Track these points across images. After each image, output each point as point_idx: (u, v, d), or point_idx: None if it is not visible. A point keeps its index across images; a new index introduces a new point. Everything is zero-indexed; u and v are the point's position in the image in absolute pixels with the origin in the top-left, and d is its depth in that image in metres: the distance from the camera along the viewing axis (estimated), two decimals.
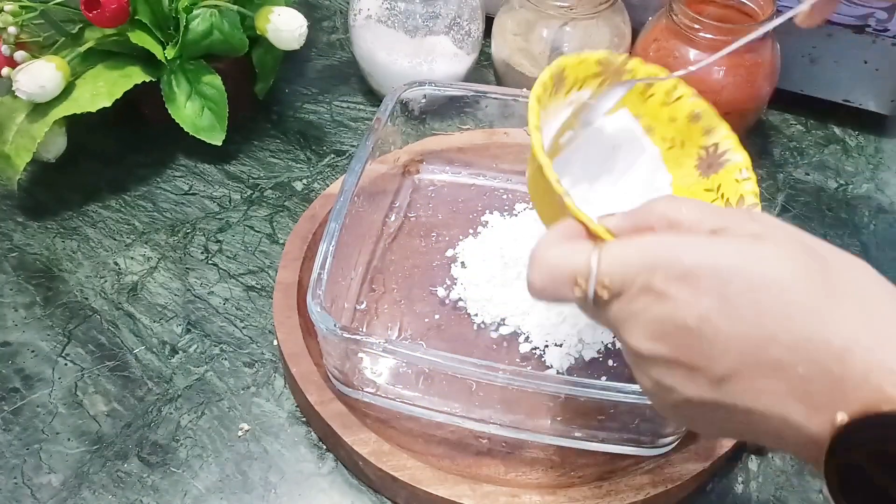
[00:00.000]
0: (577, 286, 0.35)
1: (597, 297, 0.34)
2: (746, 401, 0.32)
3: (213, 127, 0.67)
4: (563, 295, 0.36)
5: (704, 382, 0.33)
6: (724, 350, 0.32)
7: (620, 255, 0.34)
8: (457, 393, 0.50)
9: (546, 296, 0.36)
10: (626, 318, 0.34)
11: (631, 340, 0.34)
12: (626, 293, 0.34)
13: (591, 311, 0.36)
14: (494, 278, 0.57)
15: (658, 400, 0.36)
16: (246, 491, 0.50)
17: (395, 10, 0.70)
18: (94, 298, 0.60)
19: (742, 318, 0.31)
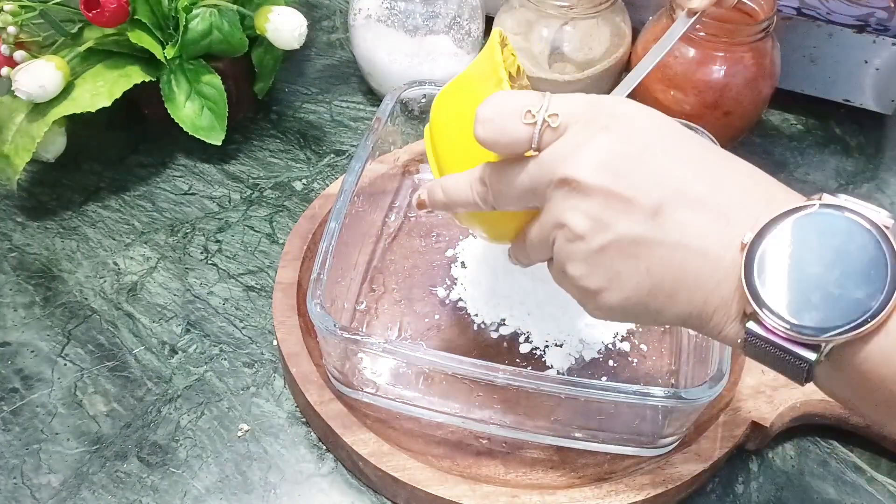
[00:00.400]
0: (527, 115, 0.37)
1: (544, 129, 0.37)
2: (675, 233, 0.35)
3: (213, 127, 0.67)
4: (510, 129, 0.37)
5: (640, 216, 0.35)
6: (658, 182, 0.35)
7: (568, 99, 0.38)
8: (457, 393, 0.50)
9: (491, 130, 0.38)
10: (571, 150, 0.36)
11: (574, 172, 0.36)
12: (572, 127, 0.37)
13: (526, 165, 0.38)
14: (495, 278, 0.57)
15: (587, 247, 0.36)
16: (246, 491, 0.50)
17: (395, 9, 0.69)
18: (94, 298, 0.60)
19: (675, 155, 0.36)
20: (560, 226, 0.37)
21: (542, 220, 0.39)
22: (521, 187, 0.38)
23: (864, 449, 0.53)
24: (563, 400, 0.48)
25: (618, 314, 0.38)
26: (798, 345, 0.33)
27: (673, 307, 0.36)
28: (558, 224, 0.37)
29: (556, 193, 0.37)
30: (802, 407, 0.52)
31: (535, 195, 0.38)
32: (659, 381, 0.54)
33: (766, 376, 0.52)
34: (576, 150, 0.36)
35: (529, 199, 0.39)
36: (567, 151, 0.36)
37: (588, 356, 0.55)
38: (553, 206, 0.37)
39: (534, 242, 0.40)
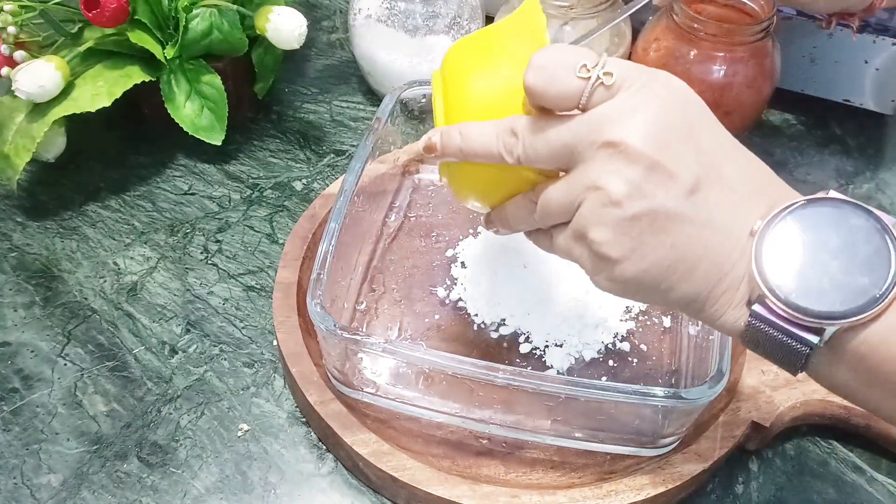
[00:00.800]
0: (582, 69, 0.36)
1: (596, 86, 0.36)
2: (706, 212, 0.36)
3: (213, 127, 0.67)
4: (562, 80, 0.37)
5: (678, 191, 0.35)
6: (699, 161, 0.36)
7: (623, 62, 0.37)
8: (457, 393, 0.50)
9: (543, 77, 0.37)
10: (623, 113, 0.36)
11: (623, 135, 0.35)
12: (625, 90, 0.36)
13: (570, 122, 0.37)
14: (495, 278, 0.57)
15: (620, 214, 0.36)
16: (245, 491, 0.50)
17: (395, 9, 0.69)
18: (94, 298, 0.60)
19: (715, 137, 0.37)
20: (595, 188, 0.36)
21: (574, 181, 0.37)
22: (560, 143, 0.37)
23: (864, 449, 0.53)
24: (563, 400, 0.48)
25: (628, 287, 0.38)
26: (802, 328, 0.35)
27: (685, 286, 0.37)
28: (594, 186, 0.36)
29: (599, 154, 0.36)
30: (802, 407, 0.52)
31: (572, 154, 0.37)
32: (659, 381, 0.54)
33: (765, 376, 0.52)
34: (629, 113, 0.36)
35: (564, 157, 0.38)
36: (618, 114, 0.36)
37: (588, 356, 0.55)
38: (592, 167, 0.36)
39: (551, 204, 0.39)
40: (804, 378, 0.52)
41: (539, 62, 0.37)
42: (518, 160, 0.39)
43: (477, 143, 0.40)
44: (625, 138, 0.35)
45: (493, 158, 0.40)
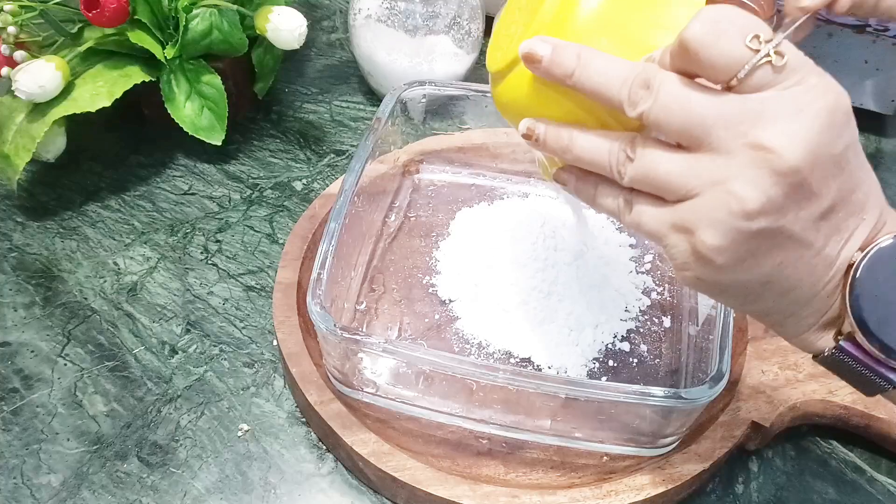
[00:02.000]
0: (754, 39, 0.31)
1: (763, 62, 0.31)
2: (824, 239, 0.33)
3: (213, 127, 0.67)
4: (729, 41, 0.31)
5: (811, 213, 0.32)
6: (841, 186, 0.32)
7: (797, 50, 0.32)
8: (457, 393, 0.50)
9: (709, 32, 0.31)
10: (788, 113, 0.31)
11: (781, 144, 0.31)
12: (795, 82, 0.31)
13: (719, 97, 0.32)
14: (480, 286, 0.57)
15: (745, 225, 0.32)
16: (245, 491, 0.50)
17: (395, 9, 0.69)
18: (94, 298, 0.60)
19: (858, 160, 0.33)
20: (726, 190, 0.32)
21: (700, 166, 0.32)
22: (700, 118, 0.32)
23: (864, 449, 0.53)
24: (563, 400, 0.48)
25: (712, 289, 0.35)
26: (888, 368, 0.34)
27: (772, 302, 0.35)
28: (724, 186, 0.32)
29: (743, 152, 0.31)
30: (802, 407, 0.52)
31: (708, 136, 0.32)
32: (659, 381, 0.54)
33: (765, 376, 0.52)
34: (793, 115, 0.31)
35: (697, 134, 0.32)
36: (780, 111, 0.31)
37: (588, 356, 0.54)
38: (730, 164, 0.32)
39: (658, 175, 0.34)
40: (804, 378, 0.52)
41: (711, 15, 0.31)
42: (640, 116, 0.33)
43: (596, 78, 0.34)
44: (781, 148, 0.31)
45: (608, 101, 0.34)
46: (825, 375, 0.52)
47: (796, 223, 0.32)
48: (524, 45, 0.36)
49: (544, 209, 0.63)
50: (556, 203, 0.64)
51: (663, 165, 0.33)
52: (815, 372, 0.53)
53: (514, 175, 0.66)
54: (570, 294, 0.56)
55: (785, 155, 0.31)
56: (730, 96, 0.32)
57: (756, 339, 0.54)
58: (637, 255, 0.61)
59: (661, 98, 0.33)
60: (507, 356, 0.54)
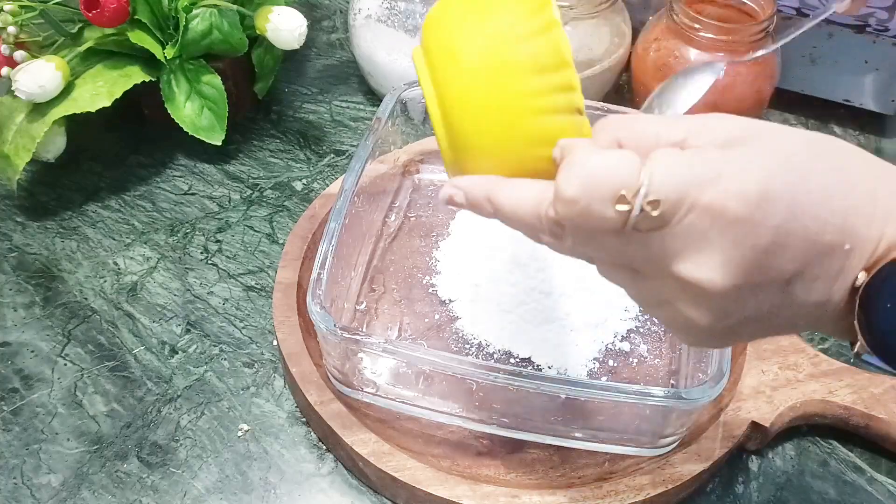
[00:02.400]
0: (620, 199, 0.30)
1: (642, 217, 0.30)
2: (804, 295, 0.31)
3: (213, 127, 0.67)
4: (599, 213, 0.30)
5: (771, 293, 0.31)
6: (793, 257, 0.30)
7: (674, 169, 0.30)
8: (457, 393, 0.50)
9: (576, 210, 0.31)
10: (694, 248, 0.30)
11: (697, 276, 0.30)
12: (682, 217, 0.30)
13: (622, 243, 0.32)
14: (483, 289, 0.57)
15: (709, 331, 0.32)
16: (245, 491, 0.50)
17: (395, 9, 0.69)
18: (94, 298, 0.60)
19: (805, 214, 0.30)
20: (674, 309, 0.33)
21: (646, 290, 0.33)
22: (619, 257, 0.33)
23: (864, 449, 0.53)
24: (563, 400, 0.48)
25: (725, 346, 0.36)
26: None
27: (783, 334, 0.36)
28: (671, 305, 0.33)
29: (674, 282, 0.31)
30: (802, 407, 0.52)
31: (637, 266, 0.33)
32: (659, 381, 0.54)
33: (765, 376, 0.52)
34: (697, 247, 0.30)
35: (623, 263, 0.33)
36: (685, 247, 0.30)
37: (588, 356, 0.54)
38: (666, 289, 0.32)
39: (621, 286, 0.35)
40: (804, 378, 0.52)
41: (567, 194, 0.31)
42: (569, 252, 0.34)
43: (513, 217, 0.34)
44: (699, 281, 0.30)
45: (535, 233, 0.34)
46: (825, 375, 0.52)
47: (760, 306, 0.31)
48: (442, 195, 0.37)
49: None
50: None
51: (620, 283, 0.34)
52: (815, 372, 0.53)
53: None
54: (571, 294, 0.56)
55: (707, 286, 0.30)
56: (638, 237, 0.31)
57: None
58: None
59: (575, 242, 0.33)
60: (507, 356, 0.54)
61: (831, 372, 0.53)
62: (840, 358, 0.55)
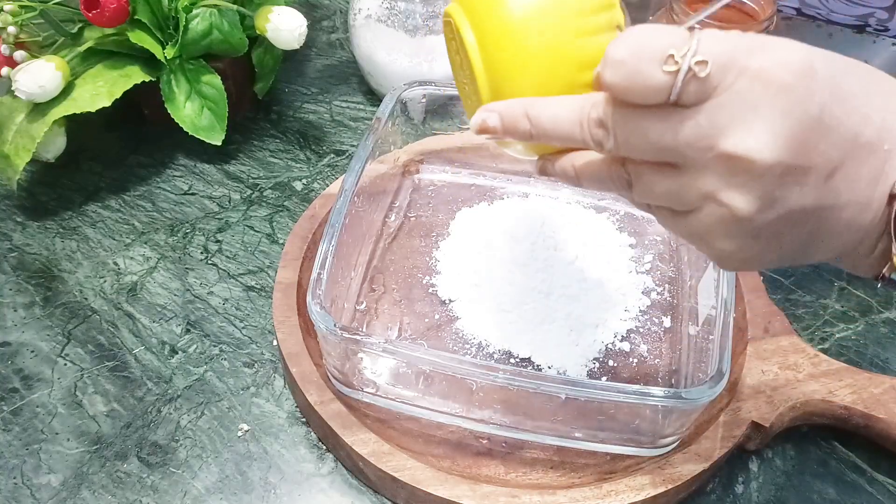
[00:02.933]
0: (669, 60, 0.30)
1: (688, 79, 0.30)
2: (846, 192, 0.31)
3: (213, 127, 0.67)
4: (646, 75, 0.30)
5: (814, 184, 0.31)
6: (835, 143, 0.30)
7: (721, 39, 0.30)
8: (457, 393, 0.50)
9: (622, 74, 0.31)
10: (738, 117, 0.30)
11: (745, 148, 0.30)
12: (731, 82, 0.30)
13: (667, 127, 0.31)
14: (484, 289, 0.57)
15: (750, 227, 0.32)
16: (245, 491, 0.50)
17: (395, 9, 0.69)
18: (94, 298, 0.60)
19: (847, 103, 0.31)
20: (717, 201, 0.32)
21: (687, 184, 0.32)
22: (663, 145, 0.32)
23: (864, 449, 0.53)
24: (563, 400, 0.48)
25: (759, 269, 0.36)
26: None
27: (818, 256, 0.34)
28: (714, 199, 0.32)
29: (716, 167, 0.31)
30: (802, 407, 0.52)
31: (681, 156, 0.32)
32: (659, 381, 0.54)
33: (765, 376, 0.52)
34: (747, 116, 0.30)
35: (669, 156, 0.32)
36: (733, 117, 0.30)
37: (588, 356, 0.54)
38: (708, 177, 0.31)
39: (657, 195, 0.34)
40: (804, 378, 0.52)
41: (616, 56, 0.31)
42: (610, 153, 0.34)
43: (553, 129, 0.34)
44: (749, 152, 0.30)
45: (574, 144, 0.34)
46: (825, 375, 0.52)
47: (802, 199, 0.31)
48: (474, 121, 0.36)
49: (544, 209, 0.63)
50: (556, 203, 0.64)
51: (657, 187, 0.33)
52: (815, 372, 0.53)
53: (514, 175, 0.66)
54: (570, 294, 0.56)
55: (756, 157, 0.30)
56: (682, 114, 0.31)
57: (756, 339, 0.54)
58: (637, 255, 0.61)
59: (619, 137, 0.32)
60: (507, 356, 0.54)
61: (831, 372, 0.53)
62: (840, 358, 0.55)
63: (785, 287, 0.61)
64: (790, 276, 0.62)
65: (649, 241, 0.62)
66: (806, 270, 0.62)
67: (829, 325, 0.59)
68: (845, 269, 0.36)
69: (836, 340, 0.58)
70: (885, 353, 0.57)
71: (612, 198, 0.65)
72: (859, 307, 0.60)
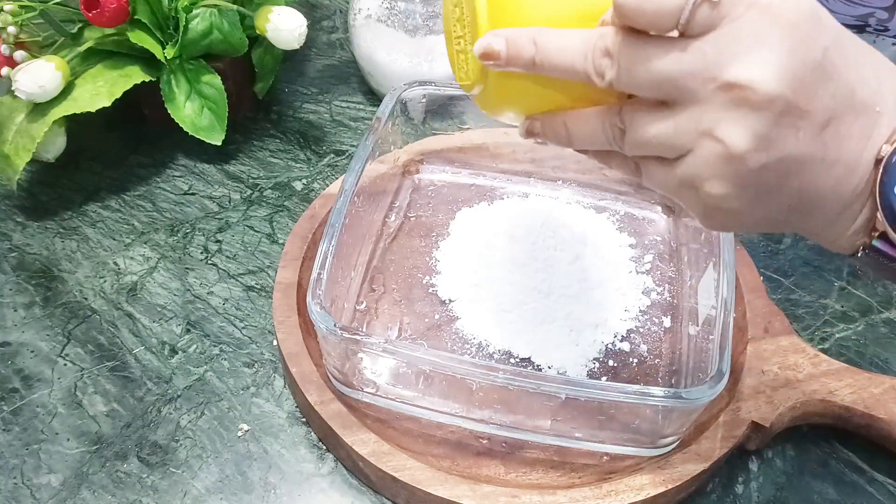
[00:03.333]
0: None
1: (700, 3, 0.30)
2: (836, 147, 0.31)
3: (213, 127, 0.67)
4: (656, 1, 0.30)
5: (809, 131, 0.31)
6: (833, 92, 0.31)
7: None
8: (457, 393, 0.50)
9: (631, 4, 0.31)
10: (747, 46, 0.30)
11: (750, 77, 0.30)
12: (742, 12, 0.30)
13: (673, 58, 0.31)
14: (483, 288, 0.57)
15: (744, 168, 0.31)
16: (246, 491, 0.50)
17: (395, 9, 0.69)
18: (94, 298, 0.60)
19: (848, 56, 0.31)
20: (712, 137, 0.31)
21: (683, 121, 0.32)
22: (666, 75, 0.31)
23: (864, 449, 0.53)
24: (563, 400, 0.48)
25: (743, 229, 0.35)
26: None
27: (804, 222, 0.34)
28: (711, 135, 0.31)
29: (717, 98, 0.31)
30: (802, 407, 0.52)
31: (680, 89, 0.31)
32: (659, 381, 0.54)
33: (765, 376, 0.52)
34: (753, 46, 0.30)
35: (669, 89, 0.32)
36: (740, 46, 0.30)
37: (588, 356, 0.54)
38: (708, 111, 0.31)
39: (649, 140, 0.33)
40: (804, 378, 0.52)
41: None
42: (610, 84, 0.33)
43: (558, 57, 0.34)
44: (752, 81, 0.30)
45: (576, 76, 0.34)
46: (825, 375, 0.52)
47: (797, 146, 0.31)
48: (479, 44, 0.35)
49: (544, 209, 0.63)
50: (556, 203, 0.64)
51: (651, 129, 0.33)
52: (815, 372, 0.53)
53: (514, 175, 0.66)
54: (570, 294, 0.56)
55: (759, 87, 0.30)
56: (688, 43, 0.31)
57: (756, 339, 0.54)
58: (637, 255, 0.61)
59: (623, 64, 0.32)
60: (507, 356, 0.54)
61: (831, 372, 0.53)
62: (840, 358, 0.55)
63: (785, 287, 0.61)
64: (790, 276, 0.62)
65: (649, 241, 0.62)
66: (806, 270, 0.62)
67: (829, 325, 0.59)
68: (825, 246, 0.36)
69: (836, 340, 0.58)
70: (885, 353, 0.57)
71: (612, 198, 0.65)
72: (859, 307, 0.60)
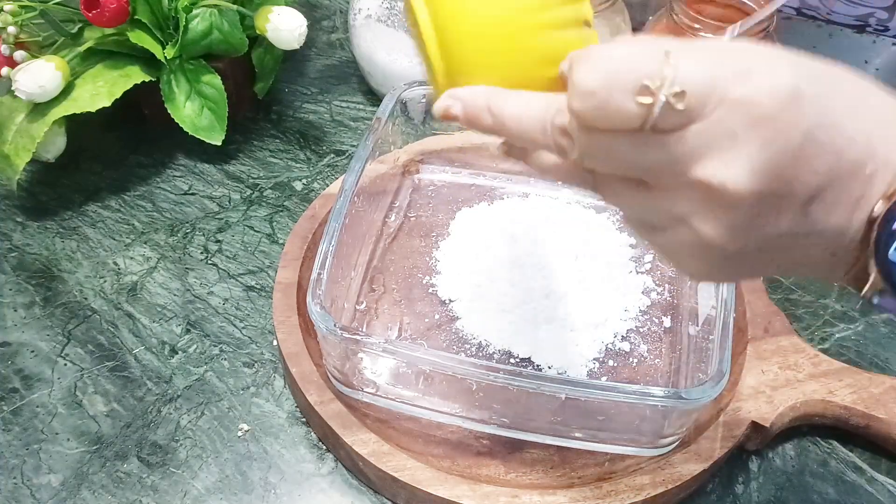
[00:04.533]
0: (642, 90, 0.27)
1: (665, 111, 0.28)
2: (822, 220, 0.30)
3: (213, 127, 0.67)
4: (617, 106, 0.28)
5: (791, 210, 0.29)
6: (816, 170, 0.28)
7: (699, 60, 0.28)
8: (457, 393, 0.50)
9: (593, 105, 0.29)
10: (716, 146, 0.28)
11: (720, 178, 0.28)
12: (711, 110, 0.28)
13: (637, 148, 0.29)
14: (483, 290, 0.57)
15: (719, 254, 0.30)
16: (246, 491, 0.50)
17: (395, 9, 0.70)
18: (94, 298, 0.60)
19: (832, 127, 0.28)
20: (687, 226, 0.30)
21: (656, 204, 0.31)
22: (633, 165, 0.30)
23: (864, 449, 0.53)
24: (563, 400, 0.48)
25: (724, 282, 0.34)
26: None
27: (789, 274, 0.34)
28: (684, 223, 0.30)
29: (689, 193, 0.29)
30: (802, 407, 0.52)
31: (651, 176, 0.30)
32: (659, 381, 0.54)
33: (765, 376, 0.52)
34: (722, 146, 0.28)
35: (636, 175, 0.30)
36: (709, 146, 0.28)
37: (588, 356, 0.54)
38: (679, 202, 0.30)
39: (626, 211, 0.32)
40: (804, 378, 0.52)
41: (585, 86, 0.28)
42: (576, 163, 0.32)
43: (516, 130, 0.33)
44: (723, 183, 0.28)
45: (538, 145, 0.33)
46: (825, 375, 0.52)
47: (778, 228, 0.29)
48: (437, 107, 0.34)
49: (544, 209, 0.63)
50: (556, 203, 0.64)
51: (626, 202, 0.32)
52: (815, 372, 0.53)
53: (514, 175, 0.66)
54: (570, 294, 0.56)
55: (731, 188, 0.28)
56: (654, 138, 0.29)
57: (756, 339, 0.54)
58: (637, 255, 0.61)
59: (584, 150, 0.30)
60: (507, 356, 0.54)
61: (831, 372, 0.53)
62: (840, 358, 0.55)
63: (785, 287, 0.61)
64: (790, 276, 0.62)
65: None
66: None
67: (829, 325, 0.59)
68: None
69: (836, 340, 0.58)
70: (885, 353, 0.57)
71: None
72: (859, 307, 0.60)
